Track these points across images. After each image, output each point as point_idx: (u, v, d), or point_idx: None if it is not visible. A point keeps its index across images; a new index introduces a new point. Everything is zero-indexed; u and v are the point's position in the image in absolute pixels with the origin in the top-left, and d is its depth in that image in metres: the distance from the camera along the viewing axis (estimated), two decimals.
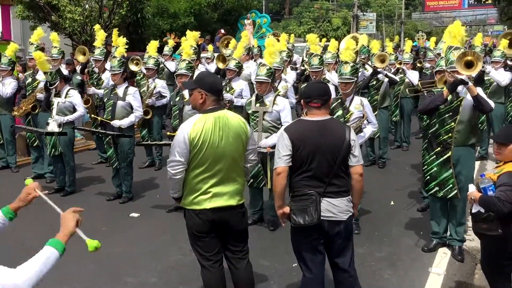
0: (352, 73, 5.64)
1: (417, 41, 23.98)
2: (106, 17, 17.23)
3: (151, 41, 9.32)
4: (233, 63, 8.01)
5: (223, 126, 3.44)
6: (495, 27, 49.79)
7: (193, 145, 3.36)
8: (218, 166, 3.44)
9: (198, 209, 3.48)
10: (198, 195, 3.47)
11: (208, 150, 3.39)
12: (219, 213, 3.49)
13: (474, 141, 5.00)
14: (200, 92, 3.47)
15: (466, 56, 4.70)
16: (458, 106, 4.85)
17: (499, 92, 8.63)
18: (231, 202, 3.54)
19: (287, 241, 5.37)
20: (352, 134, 3.51)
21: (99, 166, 8.80)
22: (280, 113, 5.57)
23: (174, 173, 3.44)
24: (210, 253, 3.57)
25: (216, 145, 3.40)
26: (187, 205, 3.54)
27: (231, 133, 3.47)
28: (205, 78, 3.60)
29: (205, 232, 3.52)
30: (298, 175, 3.46)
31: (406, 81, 9.71)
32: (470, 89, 4.68)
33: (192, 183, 3.47)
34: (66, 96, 7.01)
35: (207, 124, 3.39)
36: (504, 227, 3.62)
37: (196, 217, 3.50)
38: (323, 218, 3.40)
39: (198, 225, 3.51)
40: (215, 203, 3.48)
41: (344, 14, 37.38)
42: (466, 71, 4.67)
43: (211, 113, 3.45)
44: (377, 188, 7.14)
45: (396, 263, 4.97)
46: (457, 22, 5.17)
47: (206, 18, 24.16)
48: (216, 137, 3.40)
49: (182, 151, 3.38)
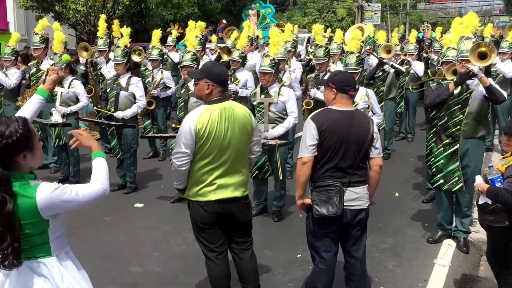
0: (357, 63, 5.60)
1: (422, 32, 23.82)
2: (109, 8, 17.17)
3: (154, 31, 9.26)
4: (237, 53, 7.96)
5: (228, 117, 3.40)
6: (501, 17, 49.36)
7: (199, 136, 3.33)
8: (223, 158, 3.41)
9: (203, 201, 3.46)
10: (203, 187, 3.45)
11: (214, 142, 3.36)
12: (224, 205, 3.47)
13: (483, 133, 4.94)
14: (206, 83, 3.43)
15: (480, 47, 4.64)
16: (468, 98, 4.79)
17: (505, 84, 8.53)
18: (236, 194, 3.52)
19: (291, 232, 5.41)
20: (375, 126, 3.54)
21: None
22: (286, 103, 5.54)
23: (180, 165, 3.41)
24: (214, 245, 3.56)
25: (222, 136, 3.37)
26: (191, 196, 3.52)
27: (237, 124, 3.44)
28: (212, 68, 3.55)
29: (210, 224, 3.51)
30: (322, 166, 3.42)
31: (412, 72, 9.63)
32: (482, 80, 4.61)
33: (197, 175, 3.44)
34: (70, 86, 6.99)
35: (213, 115, 3.36)
36: (511, 219, 3.60)
37: (201, 208, 3.47)
38: (346, 207, 3.39)
39: (202, 216, 3.49)
40: (220, 195, 3.45)
41: (349, 4, 37.07)
42: (480, 63, 4.62)
43: (217, 104, 3.42)
44: (382, 179, 6.88)
45: (401, 254, 4.96)
46: (471, 13, 5.08)
47: (210, 9, 24.09)
48: (222, 128, 3.37)
49: (187, 142, 3.34)
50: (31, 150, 2.36)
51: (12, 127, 2.29)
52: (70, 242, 2.61)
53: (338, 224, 3.46)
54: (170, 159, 4.34)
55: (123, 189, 6.91)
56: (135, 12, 19.18)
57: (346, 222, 3.46)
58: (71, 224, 5.66)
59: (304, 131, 3.45)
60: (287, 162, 7.32)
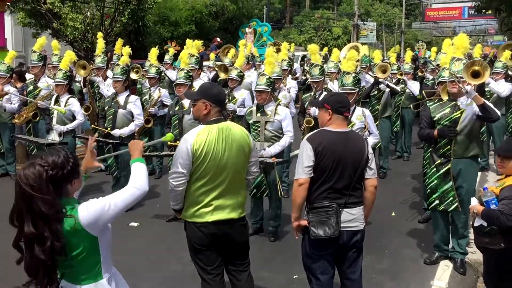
0: (354, 83, 5.64)
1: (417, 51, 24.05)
2: (107, 25, 17.29)
3: (152, 49, 9.32)
4: (235, 72, 8.01)
5: (226, 137, 3.40)
6: (495, 37, 49.97)
7: (196, 156, 3.32)
8: (220, 178, 3.40)
9: (200, 222, 3.44)
10: (199, 208, 3.43)
11: (210, 162, 3.35)
12: (220, 226, 3.45)
13: (475, 153, 4.94)
14: (204, 103, 3.44)
15: (473, 65, 4.70)
16: (458, 117, 4.82)
17: (499, 104, 8.59)
18: (233, 215, 3.50)
19: (287, 252, 5.38)
20: (370, 147, 3.57)
21: (99, 174, 8.75)
22: (282, 122, 5.57)
23: (176, 185, 3.40)
24: (211, 267, 3.53)
25: (219, 157, 3.36)
26: (188, 217, 3.50)
27: (234, 145, 3.43)
28: (210, 89, 3.57)
29: (206, 246, 3.48)
30: (318, 187, 3.42)
31: (407, 92, 9.71)
32: (476, 98, 4.63)
33: (193, 195, 3.43)
34: (66, 104, 7.01)
35: (211, 136, 3.36)
36: (507, 241, 3.60)
37: (198, 230, 3.45)
38: (342, 228, 3.39)
39: (199, 238, 3.47)
40: (217, 216, 3.43)
41: (345, 23, 37.53)
42: (473, 80, 4.68)
43: (214, 124, 3.42)
44: (378, 199, 6.93)
45: (398, 276, 4.93)
46: (461, 34, 5.16)
47: (207, 27, 24.25)
48: (219, 148, 3.36)
49: (184, 162, 3.33)
50: (78, 176, 2.47)
51: (63, 158, 2.38)
52: None
53: (334, 245, 3.45)
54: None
55: None
56: (132, 29, 19.30)
57: (343, 243, 3.45)
58: None
59: (301, 152, 3.45)
60: (283, 181, 7.33)
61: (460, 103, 4.82)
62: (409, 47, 27.66)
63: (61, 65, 7.25)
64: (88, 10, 17.13)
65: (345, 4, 44.81)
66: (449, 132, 4.77)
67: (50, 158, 2.33)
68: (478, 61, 4.88)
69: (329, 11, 42.82)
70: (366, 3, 45.42)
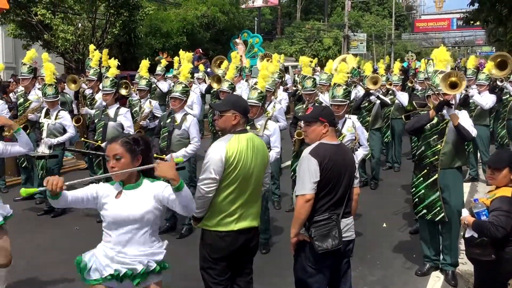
0: (344, 95, 5.67)
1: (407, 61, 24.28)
2: (98, 36, 17.27)
3: (142, 60, 9.30)
4: (226, 84, 8.02)
5: (253, 147, 3.49)
6: (483, 48, 50.61)
7: (228, 163, 3.37)
8: (246, 187, 3.46)
9: (225, 231, 3.44)
10: (224, 216, 3.44)
11: (241, 170, 3.41)
12: (243, 235, 3.48)
13: (461, 164, 4.98)
14: (234, 114, 3.50)
15: (450, 76, 4.78)
16: (444, 128, 4.87)
17: (483, 115, 8.68)
18: (254, 224, 3.56)
19: (278, 264, 5.36)
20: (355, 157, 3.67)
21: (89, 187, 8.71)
22: (270, 137, 5.58)
23: (208, 191, 3.38)
24: (222, 278, 3.53)
25: (247, 165, 3.44)
26: (210, 226, 3.47)
27: (259, 155, 3.53)
28: (238, 100, 3.68)
29: (224, 256, 3.48)
30: (320, 200, 3.41)
31: (396, 103, 9.77)
32: (452, 118, 4.72)
33: (219, 204, 3.43)
34: (57, 117, 6.97)
35: (241, 144, 3.44)
36: (497, 252, 3.62)
37: (221, 239, 3.45)
38: (343, 239, 3.42)
39: (221, 248, 3.46)
40: (241, 225, 3.46)
41: (335, 34, 37.81)
42: (451, 91, 4.75)
43: (243, 134, 3.50)
44: (369, 210, 7.12)
45: (389, 287, 4.93)
46: (442, 48, 5.24)
47: (199, 38, 24.33)
48: (248, 157, 3.44)
49: (218, 169, 3.36)
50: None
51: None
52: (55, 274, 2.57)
53: (334, 257, 3.47)
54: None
55: None
56: (124, 41, 19.30)
57: (339, 254, 3.47)
58: (55, 256, 5.57)
59: (304, 167, 3.41)
60: (274, 192, 7.33)
61: (445, 114, 4.86)
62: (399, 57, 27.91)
63: (46, 80, 7.18)
64: (80, 21, 17.09)
65: (335, 15, 45.18)
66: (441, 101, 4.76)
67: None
68: (454, 72, 4.97)
69: (320, 22, 43.15)
70: (356, 15, 45.87)
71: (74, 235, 6.37)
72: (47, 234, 6.44)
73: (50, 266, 5.27)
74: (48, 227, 6.68)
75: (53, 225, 6.79)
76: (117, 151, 2.92)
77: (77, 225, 6.74)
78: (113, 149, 2.93)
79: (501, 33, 15.04)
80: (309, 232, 3.42)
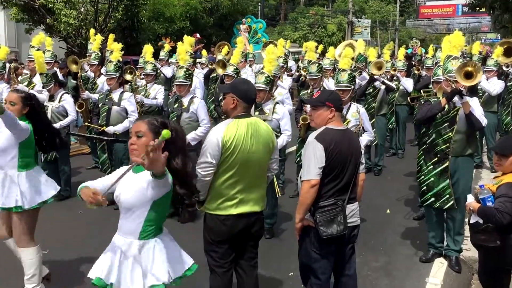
0: (349, 81, 5.63)
1: (411, 48, 24.09)
2: (101, 21, 17.17)
3: (145, 45, 9.24)
4: (231, 68, 7.97)
5: (254, 132, 3.46)
6: (488, 35, 50.18)
7: (225, 148, 3.36)
8: (246, 172, 3.45)
9: (224, 215, 3.46)
10: (224, 200, 3.45)
11: (239, 155, 3.39)
12: (243, 220, 3.49)
13: (472, 151, 4.97)
14: (232, 98, 3.49)
15: (466, 66, 4.69)
16: (455, 116, 4.82)
17: (491, 102, 8.63)
18: (256, 209, 3.55)
19: (283, 249, 5.37)
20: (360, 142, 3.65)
21: (93, 171, 8.71)
22: (280, 121, 5.54)
23: (204, 174, 3.41)
24: (224, 260, 3.55)
25: (247, 150, 3.41)
26: (211, 210, 3.49)
27: (261, 140, 3.49)
28: (239, 85, 3.63)
29: (225, 240, 3.50)
30: (325, 186, 3.40)
31: (401, 89, 9.72)
32: (464, 106, 4.66)
33: (219, 188, 3.44)
34: (60, 100, 6.96)
35: (240, 129, 3.41)
36: (503, 239, 3.61)
37: (220, 223, 3.46)
38: (348, 225, 3.42)
39: (221, 232, 3.48)
40: (241, 209, 3.47)
41: (339, 20, 37.50)
42: (466, 82, 4.66)
43: (243, 119, 3.47)
44: (373, 196, 7.11)
45: (393, 273, 4.95)
46: (457, 32, 5.14)
47: (202, 23, 24.21)
48: (247, 142, 3.41)
49: (214, 153, 3.36)
50: None
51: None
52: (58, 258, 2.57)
53: (338, 243, 3.47)
54: None
55: (113, 205, 6.82)
56: (127, 25, 19.20)
57: (344, 239, 3.47)
58: (59, 240, 5.60)
59: (310, 152, 3.39)
60: (279, 178, 7.31)
61: (456, 101, 4.81)
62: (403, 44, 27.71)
63: (37, 69, 7.11)
64: (82, 5, 16.99)
65: (339, 1, 44.74)
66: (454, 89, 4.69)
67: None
68: (471, 62, 4.87)
69: (324, 8, 42.80)
70: (361, 1, 45.41)
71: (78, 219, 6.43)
72: (51, 217, 6.44)
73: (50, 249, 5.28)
74: (53, 211, 6.68)
75: (57, 208, 6.79)
76: (140, 129, 2.84)
77: (81, 209, 6.76)
78: (137, 127, 2.87)
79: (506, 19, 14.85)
80: (314, 218, 3.42)
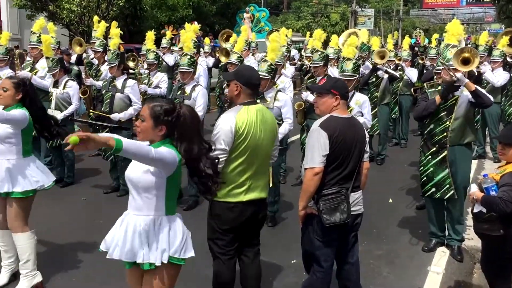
0: (354, 70, 5.62)
1: (414, 38, 23.96)
2: (104, 8, 17.10)
3: (148, 32, 9.20)
4: (235, 57, 7.94)
5: (262, 119, 3.48)
6: (492, 25, 49.83)
7: (238, 134, 3.37)
8: (255, 158, 3.46)
9: (233, 202, 3.46)
10: (234, 187, 3.45)
11: (250, 141, 3.41)
12: (252, 206, 3.50)
13: (470, 140, 4.95)
14: (236, 84, 3.49)
15: (463, 52, 4.69)
16: (453, 105, 4.82)
17: (495, 92, 8.58)
18: (262, 195, 3.58)
19: (284, 237, 5.39)
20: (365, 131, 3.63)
21: (96, 158, 8.73)
22: (282, 109, 5.53)
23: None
24: (229, 248, 3.57)
25: (257, 136, 3.43)
26: (220, 197, 3.46)
27: (268, 127, 3.53)
28: (242, 71, 3.63)
29: (233, 227, 3.50)
30: (328, 174, 3.40)
31: (405, 79, 9.69)
32: (468, 85, 4.65)
33: (229, 175, 3.43)
34: (64, 87, 6.95)
35: (251, 116, 3.42)
36: (506, 228, 3.61)
37: (229, 211, 3.46)
38: (351, 213, 3.42)
39: (229, 219, 3.48)
40: (250, 196, 3.48)
41: (343, 9, 37.27)
42: (463, 68, 4.67)
43: (252, 106, 3.48)
44: (376, 185, 7.10)
45: (395, 261, 4.97)
46: (455, 21, 5.12)
47: (205, 11, 24.08)
48: (257, 129, 3.44)
49: (228, 139, 3.36)
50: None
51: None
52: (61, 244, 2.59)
53: (341, 231, 3.48)
54: None
55: (116, 192, 6.86)
56: (129, 13, 19.11)
57: (347, 227, 3.48)
58: (62, 226, 5.63)
59: (314, 139, 3.37)
60: (281, 167, 7.32)
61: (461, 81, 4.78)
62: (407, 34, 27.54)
63: (44, 53, 7.12)
64: None
65: None
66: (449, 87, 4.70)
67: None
68: (467, 48, 4.87)
69: None
70: None
71: (82, 205, 6.45)
72: (54, 203, 6.47)
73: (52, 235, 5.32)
74: (57, 198, 6.72)
75: (61, 195, 6.82)
76: (143, 112, 2.87)
77: (85, 195, 6.80)
78: (142, 110, 2.91)
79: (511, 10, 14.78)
80: (317, 205, 3.42)
